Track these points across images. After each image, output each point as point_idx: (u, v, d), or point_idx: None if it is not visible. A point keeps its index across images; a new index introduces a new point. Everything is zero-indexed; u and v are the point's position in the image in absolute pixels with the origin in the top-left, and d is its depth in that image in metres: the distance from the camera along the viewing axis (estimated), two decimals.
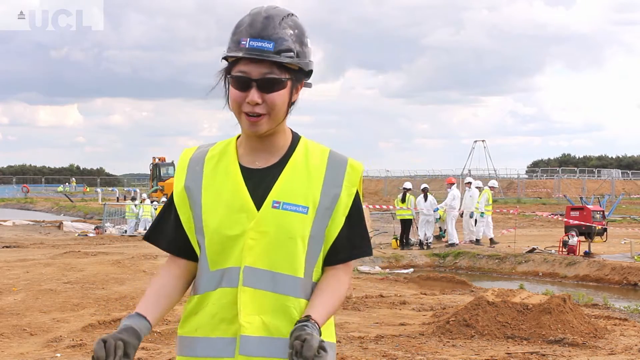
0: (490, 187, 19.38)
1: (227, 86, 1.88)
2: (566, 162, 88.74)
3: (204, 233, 1.89)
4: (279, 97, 1.82)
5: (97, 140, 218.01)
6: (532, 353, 6.97)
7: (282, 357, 1.82)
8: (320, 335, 1.78)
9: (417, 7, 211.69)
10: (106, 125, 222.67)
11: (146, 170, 49.89)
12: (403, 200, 18.80)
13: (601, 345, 7.41)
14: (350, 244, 1.94)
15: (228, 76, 1.86)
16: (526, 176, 64.33)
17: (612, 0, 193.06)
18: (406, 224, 18.99)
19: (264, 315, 1.85)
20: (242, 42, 1.80)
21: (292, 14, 1.87)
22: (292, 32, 1.83)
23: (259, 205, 1.86)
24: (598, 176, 61.97)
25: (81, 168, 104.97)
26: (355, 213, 1.95)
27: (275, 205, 1.85)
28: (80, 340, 7.26)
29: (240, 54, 1.80)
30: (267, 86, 1.81)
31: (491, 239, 18.62)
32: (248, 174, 1.90)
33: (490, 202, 19.08)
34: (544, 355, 6.92)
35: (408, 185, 19.43)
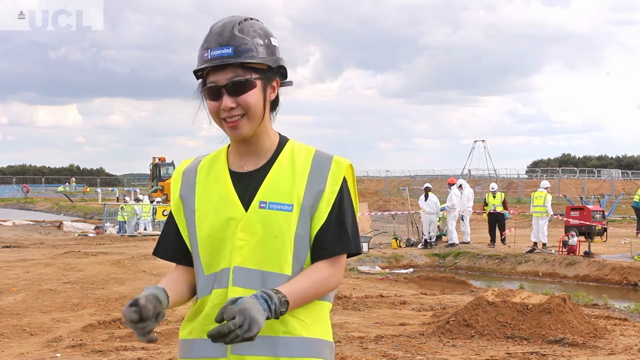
0: (544, 188, 17.96)
1: (204, 100, 1.96)
2: (566, 162, 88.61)
3: (198, 238, 1.95)
4: (251, 97, 1.89)
5: (97, 140, 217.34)
6: (532, 353, 6.97)
7: (273, 356, 1.86)
8: (273, 302, 1.73)
9: (415, 6, 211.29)
10: (105, 125, 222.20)
11: (146, 170, 49.96)
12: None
13: (601, 345, 7.40)
14: (335, 239, 1.93)
15: (202, 90, 1.95)
16: (526, 176, 64.29)
17: (609, 0, 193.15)
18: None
19: None
20: (205, 55, 1.90)
21: (251, 19, 1.95)
22: (252, 34, 1.90)
23: (247, 207, 1.91)
24: (598, 176, 61.91)
25: (81, 168, 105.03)
26: (340, 209, 1.94)
27: (262, 205, 1.90)
28: (80, 340, 7.26)
29: (204, 66, 1.90)
30: (236, 89, 1.88)
31: (544, 244, 17.59)
32: (237, 178, 1.96)
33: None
34: (544, 355, 6.92)
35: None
